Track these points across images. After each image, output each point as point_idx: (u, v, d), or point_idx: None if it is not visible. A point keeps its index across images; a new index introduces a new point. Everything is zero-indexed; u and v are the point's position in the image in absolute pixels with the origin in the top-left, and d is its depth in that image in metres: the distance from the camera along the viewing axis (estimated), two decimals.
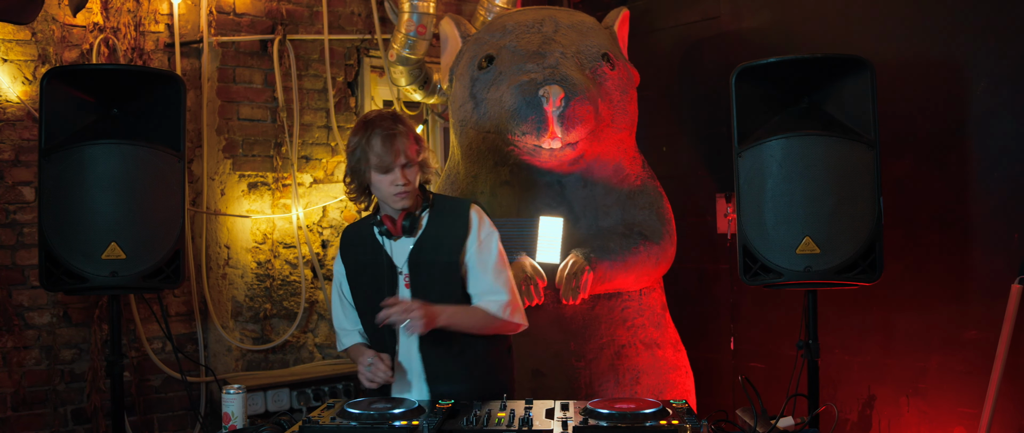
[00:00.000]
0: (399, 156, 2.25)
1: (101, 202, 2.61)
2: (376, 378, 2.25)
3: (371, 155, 2.25)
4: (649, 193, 3.36)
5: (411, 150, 2.27)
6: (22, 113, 3.30)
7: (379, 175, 2.27)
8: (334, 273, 2.52)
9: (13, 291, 3.30)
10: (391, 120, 2.29)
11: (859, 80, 2.70)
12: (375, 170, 2.27)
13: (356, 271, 2.44)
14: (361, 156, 2.27)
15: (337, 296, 2.50)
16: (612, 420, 2.00)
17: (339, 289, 2.49)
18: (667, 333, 3.38)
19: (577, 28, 3.26)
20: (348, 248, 2.47)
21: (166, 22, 3.67)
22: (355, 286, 2.44)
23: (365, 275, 2.41)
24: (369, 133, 2.26)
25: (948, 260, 3.39)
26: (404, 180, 2.26)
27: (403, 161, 2.26)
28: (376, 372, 2.24)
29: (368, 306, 2.36)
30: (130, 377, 3.51)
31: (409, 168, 2.28)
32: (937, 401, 3.41)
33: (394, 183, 2.26)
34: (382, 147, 2.24)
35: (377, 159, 2.24)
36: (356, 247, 2.44)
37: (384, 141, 2.24)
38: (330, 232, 4.12)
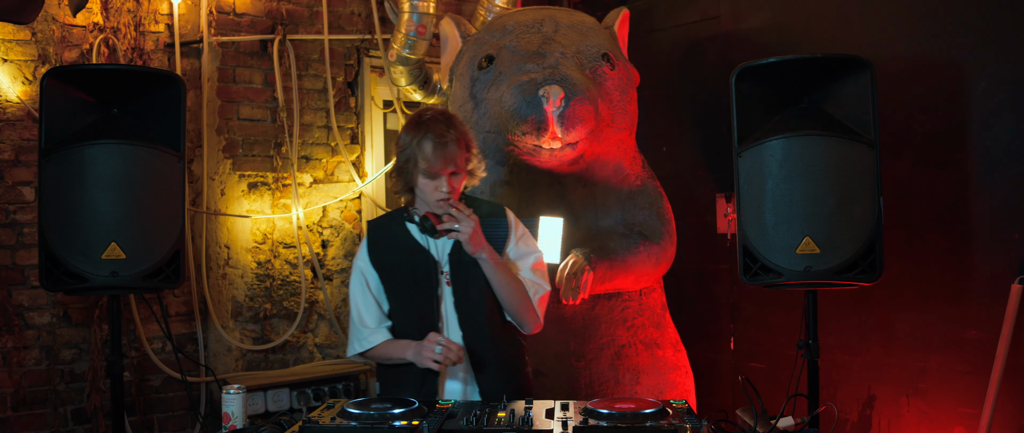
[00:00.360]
0: (448, 165, 2.24)
1: (101, 202, 2.61)
2: (448, 359, 2.21)
3: (420, 159, 2.24)
4: (649, 193, 3.36)
5: (461, 159, 2.26)
6: (22, 113, 3.30)
7: (425, 179, 2.26)
8: (356, 270, 2.45)
9: (13, 291, 3.30)
10: (444, 125, 2.26)
11: (859, 80, 2.70)
12: (423, 174, 2.26)
13: (390, 269, 2.40)
14: (410, 156, 2.26)
15: (361, 294, 2.43)
16: (612, 420, 2.00)
17: (364, 287, 2.43)
18: (667, 333, 3.38)
19: (577, 28, 3.26)
20: (378, 246, 2.43)
21: (166, 22, 3.67)
22: (390, 285, 2.41)
23: (401, 273, 2.39)
24: (421, 136, 2.24)
25: (948, 260, 3.39)
26: (450, 188, 2.26)
27: (452, 169, 2.25)
28: (449, 354, 2.20)
29: (407, 304, 2.36)
30: (130, 377, 3.51)
31: (457, 177, 2.28)
32: (937, 401, 3.41)
33: (439, 189, 2.26)
34: (433, 153, 2.22)
35: (426, 164, 2.24)
36: (389, 245, 2.42)
37: (435, 148, 2.22)
38: (330, 232, 4.12)
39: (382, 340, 2.40)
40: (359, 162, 4.23)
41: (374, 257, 2.43)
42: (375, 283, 2.42)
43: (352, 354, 2.47)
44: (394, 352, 2.36)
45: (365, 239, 2.47)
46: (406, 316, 2.38)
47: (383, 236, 2.44)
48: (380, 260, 2.42)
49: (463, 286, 2.36)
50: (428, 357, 2.22)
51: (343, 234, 4.16)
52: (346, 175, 4.17)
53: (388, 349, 2.39)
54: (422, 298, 2.35)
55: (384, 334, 2.41)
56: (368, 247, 2.44)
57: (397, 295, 2.41)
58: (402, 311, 2.40)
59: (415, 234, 2.39)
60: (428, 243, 2.38)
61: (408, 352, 2.29)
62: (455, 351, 2.22)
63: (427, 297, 2.35)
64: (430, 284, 2.36)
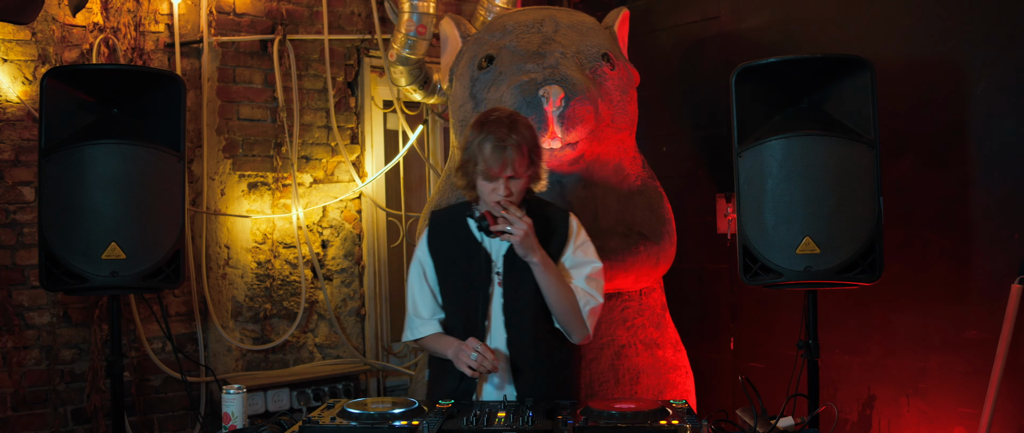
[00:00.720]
0: (506, 168, 2.23)
1: (101, 202, 2.62)
2: (483, 367, 2.23)
3: (479, 160, 2.24)
4: (649, 193, 3.36)
5: (520, 163, 2.24)
6: (22, 113, 3.30)
7: (484, 181, 2.27)
8: (416, 260, 2.46)
9: (13, 291, 3.30)
10: (507, 128, 2.24)
11: (859, 80, 2.70)
12: (481, 175, 2.26)
13: (446, 262, 2.41)
14: (471, 156, 2.27)
15: (418, 284, 2.44)
16: (612, 420, 2.00)
17: (422, 275, 2.43)
18: (667, 333, 3.38)
19: (577, 28, 3.26)
20: (438, 237, 2.44)
21: (166, 22, 3.67)
22: (444, 277, 2.42)
23: (455, 267, 2.40)
24: (482, 137, 2.24)
25: (948, 260, 3.38)
26: (507, 191, 2.25)
27: (509, 173, 2.24)
28: (483, 362, 2.22)
29: (458, 299, 2.38)
30: (130, 377, 3.51)
31: (515, 181, 2.26)
32: (937, 401, 3.41)
33: (495, 192, 2.26)
34: (491, 156, 2.22)
35: (484, 166, 2.23)
36: (448, 238, 2.42)
37: (494, 150, 2.22)
38: (330, 232, 4.12)
39: (432, 332, 2.41)
40: (359, 162, 4.23)
41: (433, 248, 2.43)
42: (431, 274, 2.43)
43: (405, 341, 2.52)
44: (440, 347, 2.38)
45: (426, 229, 2.47)
46: (455, 311, 2.39)
47: (444, 228, 2.45)
48: (438, 251, 2.42)
49: (514, 288, 2.36)
50: (463, 361, 2.25)
51: (343, 234, 4.16)
52: (346, 175, 4.17)
53: (435, 342, 2.41)
54: (472, 295, 2.36)
55: (435, 326, 2.41)
56: (428, 237, 2.45)
57: (449, 289, 2.41)
58: (452, 306, 2.41)
59: (474, 231, 2.39)
60: (485, 242, 2.38)
61: (449, 350, 2.31)
62: (490, 359, 2.23)
63: (478, 295, 2.36)
64: (482, 282, 2.36)
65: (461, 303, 2.37)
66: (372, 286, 4.23)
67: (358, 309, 4.21)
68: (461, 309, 2.38)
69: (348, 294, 4.17)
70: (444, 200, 3.37)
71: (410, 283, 2.47)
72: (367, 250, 4.23)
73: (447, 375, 2.37)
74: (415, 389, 3.37)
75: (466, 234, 2.40)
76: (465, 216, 2.41)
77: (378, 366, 4.19)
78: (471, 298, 2.36)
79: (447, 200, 3.36)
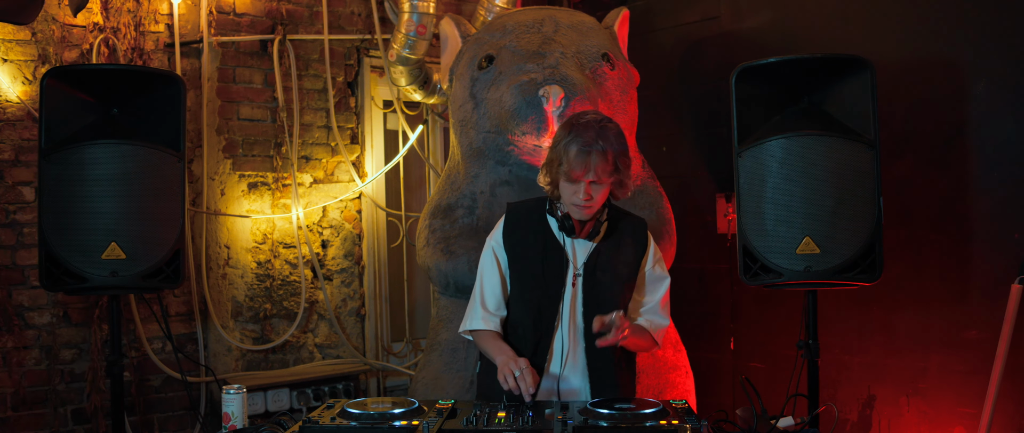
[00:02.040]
0: (588, 173, 2.22)
1: (101, 202, 2.62)
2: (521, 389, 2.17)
3: (564, 161, 2.23)
4: (649, 193, 3.36)
5: (603, 169, 2.23)
6: (22, 113, 3.30)
7: (566, 182, 2.26)
8: (488, 249, 2.44)
9: (13, 291, 3.30)
10: (595, 132, 2.23)
11: (859, 80, 2.70)
12: (564, 177, 2.25)
13: (521, 257, 2.39)
14: (556, 157, 2.26)
15: (491, 271, 2.41)
16: (612, 420, 2.00)
17: (495, 265, 2.41)
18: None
19: (577, 28, 3.26)
20: (516, 230, 2.41)
21: (166, 22, 3.67)
22: (517, 271, 2.39)
23: (530, 262, 2.37)
24: (570, 138, 2.24)
25: (948, 260, 3.39)
26: (587, 196, 2.25)
27: (591, 178, 2.23)
28: (524, 385, 2.17)
29: (530, 294, 2.36)
30: (130, 377, 3.51)
31: (596, 187, 2.25)
32: (937, 401, 3.41)
33: (576, 195, 2.25)
34: (575, 158, 2.21)
35: (568, 167, 2.22)
36: (526, 232, 2.40)
37: (578, 153, 2.21)
38: (330, 232, 4.12)
39: (493, 328, 2.39)
40: (359, 162, 4.23)
41: (508, 239, 2.40)
42: (504, 265, 2.41)
43: (463, 330, 2.46)
44: (491, 349, 2.34)
45: (502, 220, 2.44)
46: (525, 305, 2.37)
47: (522, 221, 2.42)
48: (514, 244, 2.40)
49: (592, 292, 2.35)
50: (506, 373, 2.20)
51: (343, 234, 4.16)
52: (346, 175, 4.17)
53: (489, 341, 2.37)
54: (547, 291, 2.35)
55: (495, 324, 2.39)
56: (504, 228, 2.42)
57: (522, 282, 2.39)
58: (523, 299, 2.38)
59: (553, 228, 2.38)
60: (564, 241, 2.37)
61: (499, 358, 2.28)
62: (528, 384, 2.17)
63: (552, 292, 2.35)
64: (558, 280, 2.35)
65: (534, 299, 2.35)
66: (372, 286, 4.23)
67: (358, 309, 4.21)
68: (533, 304, 2.35)
69: (348, 294, 4.17)
70: (444, 200, 3.37)
71: (482, 271, 2.43)
72: (367, 250, 4.23)
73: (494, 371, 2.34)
74: (415, 389, 3.36)
75: (544, 229, 2.38)
76: (544, 212, 2.39)
77: (378, 366, 4.19)
78: (545, 295, 2.35)
79: (447, 200, 3.36)
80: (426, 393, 3.18)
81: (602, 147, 2.22)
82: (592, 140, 2.22)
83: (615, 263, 2.37)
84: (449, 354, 3.27)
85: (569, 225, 2.31)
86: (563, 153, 2.24)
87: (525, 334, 2.37)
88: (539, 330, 2.35)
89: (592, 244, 2.36)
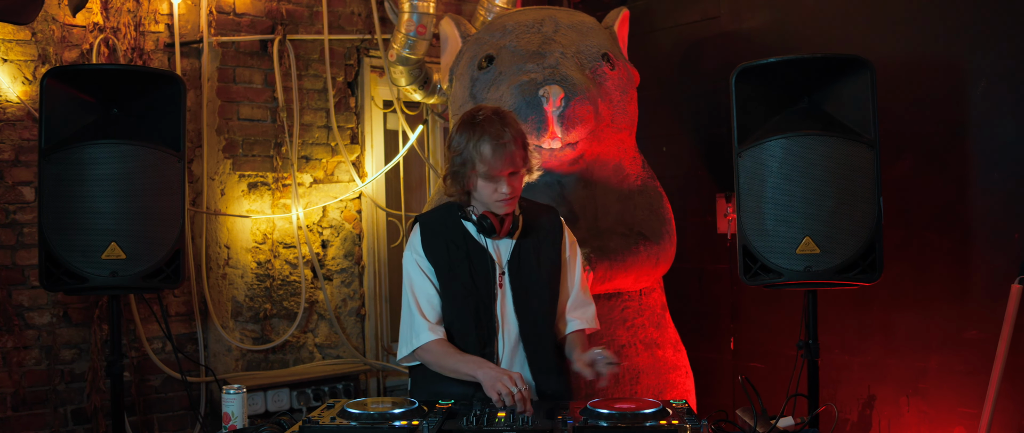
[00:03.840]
0: (508, 165, 2.21)
1: (101, 202, 2.62)
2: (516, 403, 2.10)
3: (478, 162, 2.20)
4: (649, 193, 3.36)
5: (520, 157, 2.23)
6: (22, 113, 3.30)
7: (485, 182, 2.23)
8: (411, 263, 2.35)
9: (13, 291, 3.30)
10: (500, 125, 2.21)
11: (859, 80, 2.70)
12: (482, 177, 2.22)
13: (447, 266, 2.33)
14: (467, 159, 2.22)
15: (423, 284, 2.33)
16: (612, 420, 2.00)
17: (424, 277, 2.33)
18: (667, 333, 3.38)
19: (577, 28, 3.26)
20: (433, 240, 2.34)
21: (166, 22, 3.67)
22: (445, 281, 2.33)
23: (458, 270, 2.32)
24: (478, 138, 2.20)
25: (948, 260, 3.38)
26: (510, 188, 2.23)
27: (511, 170, 2.22)
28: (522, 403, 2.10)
29: (464, 303, 2.31)
30: (130, 377, 3.51)
31: (515, 176, 2.25)
32: (937, 401, 3.41)
33: (499, 191, 2.23)
34: (492, 156, 2.18)
35: (486, 167, 2.20)
36: (444, 241, 2.34)
37: (495, 150, 2.18)
38: (330, 232, 4.12)
39: (440, 337, 2.31)
40: (359, 162, 4.23)
41: (430, 251, 2.34)
42: (434, 276, 2.34)
43: (406, 354, 2.34)
44: (462, 365, 2.24)
45: (417, 233, 2.37)
46: (462, 313, 2.32)
47: (438, 230, 2.37)
48: (435, 255, 2.34)
49: (523, 288, 2.34)
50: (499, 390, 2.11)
51: (343, 234, 4.16)
52: (346, 175, 4.17)
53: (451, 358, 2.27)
54: (480, 296, 2.31)
55: (442, 333, 2.32)
56: (422, 240, 2.35)
57: (452, 291, 2.33)
58: (458, 308, 2.33)
59: (472, 232, 2.35)
60: (486, 242, 2.34)
61: (478, 371, 2.19)
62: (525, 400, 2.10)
63: (485, 295, 2.32)
64: (489, 283, 2.32)
65: (470, 305, 2.31)
66: (372, 286, 4.23)
67: (358, 309, 4.21)
68: (470, 311, 2.31)
69: (348, 294, 4.17)
70: (444, 200, 3.36)
71: (410, 284, 2.35)
72: (367, 250, 4.23)
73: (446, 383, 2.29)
74: None
75: (463, 236, 2.35)
76: (457, 218, 2.36)
77: (378, 366, 4.19)
78: (479, 300, 2.32)
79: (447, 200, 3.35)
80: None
81: (512, 136, 2.21)
82: (501, 132, 2.20)
83: (537, 256, 2.36)
84: None
85: (488, 225, 2.28)
86: (475, 154, 2.19)
87: (468, 344, 2.31)
88: (482, 337, 2.31)
89: (512, 241, 2.35)
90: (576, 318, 2.43)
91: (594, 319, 2.46)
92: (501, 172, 2.21)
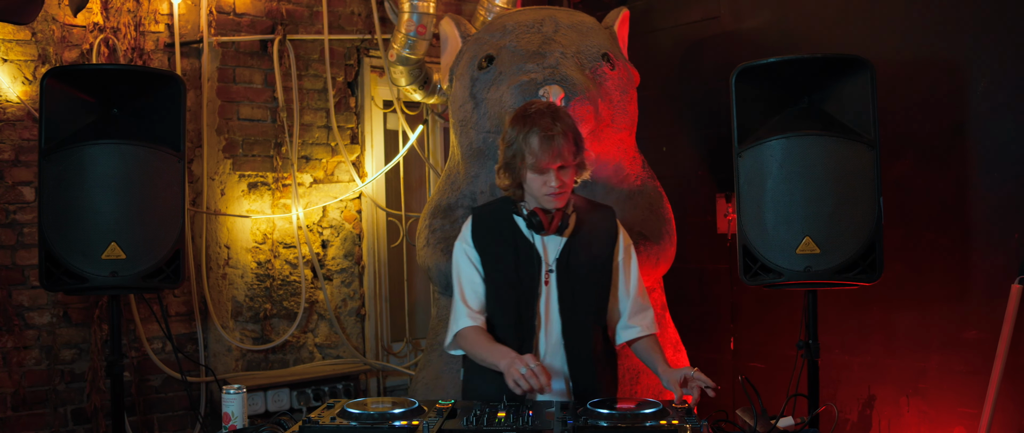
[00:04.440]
0: (556, 159, 2.21)
1: (101, 202, 2.62)
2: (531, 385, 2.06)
3: (527, 154, 2.21)
4: (649, 193, 3.36)
5: (569, 151, 2.23)
6: (22, 113, 3.30)
7: (534, 174, 2.23)
8: (460, 253, 2.38)
9: (13, 291, 3.30)
10: (551, 118, 2.22)
11: (859, 80, 2.70)
12: (531, 169, 2.23)
13: (493, 258, 2.34)
14: (517, 152, 2.23)
15: (469, 272, 2.35)
16: (612, 420, 2.00)
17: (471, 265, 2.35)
18: (667, 333, 3.38)
19: (577, 28, 3.26)
20: (484, 233, 2.36)
21: (166, 22, 3.67)
22: (491, 273, 2.34)
23: (503, 265, 2.33)
24: (527, 130, 2.21)
25: (948, 260, 3.38)
26: (559, 182, 2.23)
27: (559, 163, 2.22)
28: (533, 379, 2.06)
29: (507, 297, 2.32)
30: (130, 377, 3.51)
31: (565, 171, 2.24)
32: (937, 401, 3.41)
33: (547, 184, 2.23)
34: (540, 148, 2.19)
35: (534, 159, 2.20)
36: (495, 235, 2.36)
37: (543, 142, 2.19)
38: (330, 232, 4.12)
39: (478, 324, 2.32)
40: (359, 162, 4.23)
41: (480, 243, 2.35)
42: (480, 265, 2.36)
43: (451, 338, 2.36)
44: (490, 354, 2.23)
45: (468, 223, 2.39)
46: (504, 307, 2.33)
47: (488, 223, 2.38)
48: (483, 246, 2.35)
49: (570, 287, 2.33)
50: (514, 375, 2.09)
51: (343, 234, 4.16)
52: (346, 175, 4.17)
53: (483, 346, 2.27)
54: (523, 292, 2.31)
55: (482, 322, 2.33)
56: (472, 231, 2.37)
57: (496, 285, 2.34)
58: (500, 302, 2.34)
59: (522, 227, 2.35)
60: (534, 239, 2.34)
61: (502, 362, 2.16)
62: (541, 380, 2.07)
63: (528, 291, 2.32)
64: (533, 280, 2.32)
65: (511, 300, 2.32)
66: (372, 286, 4.24)
67: (358, 309, 4.21)
68: (512, 306, 2.32)
69: (348, 294, 4.18)
70: (444, 200, 3.37)
71: (458, 272, 2.37)
72: (367, 250, 4.23)
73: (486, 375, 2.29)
74: (415, 389, 3.36)
75: (513, 230, 2.35)
76: (510, 213, 2.36)
77: (378, 366, 4.19)
78: (522, 295, 2.32)
79: (447, 200, 3.36)
80: (426, 393, 3.18)
81: (562, 130, 2.21)
82: (551, 125, 2.21)
83: (587, 256, 2.36)
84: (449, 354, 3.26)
85: (537, 222, 2.28)
86: (525, 146, 2.21)
87: (507, 337, 2.32)
88: (521, 332, 2.32)
89: (562, 239, 2.34)
90: (637, 324, 2.44)
91: (653, 323, 2.46)
92: (549, 165, 2.21)
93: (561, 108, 2.30)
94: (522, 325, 2.32)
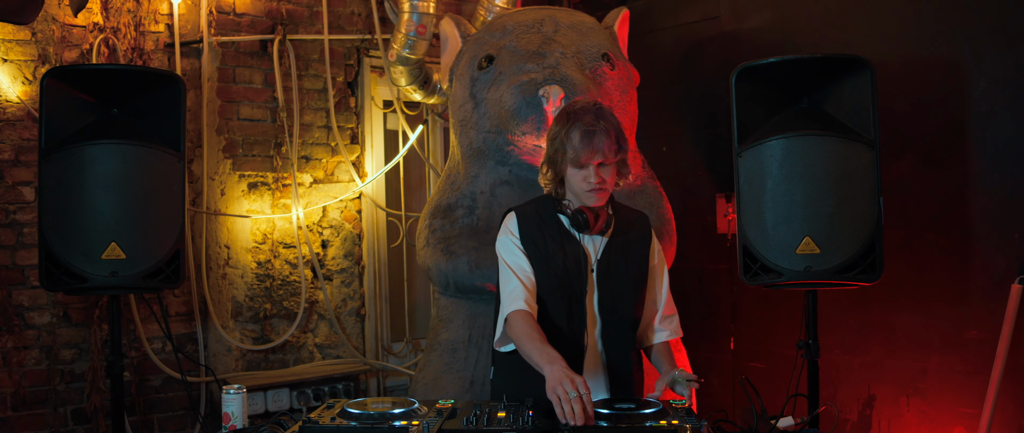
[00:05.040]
0: (596, 154, 2.21)
1: (101, 202, 2.62)
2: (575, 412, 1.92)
3: (568, 148, 2.22)
4: (649, 193, 3.36)
5: (610, 148, 2.23)
6: (22, 113, 3.30)
7: (574, 169, 2.25)
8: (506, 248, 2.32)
9: (13, 291, 3.30)
10: (593, 115, 2.23)
11: (859, 80, 2.70)
12: (571, 164, 2.24)
13: (543, 254, 2.31)
14: (559, 147, 2.25)
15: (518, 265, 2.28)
16: (612, 420, 2.00)
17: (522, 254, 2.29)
18: None
19: (577, 28, 3.26)
20: (529, 228, 2.33)
21: (166, 22, 3.67)
22: (539, 265, 2.31)
23: (552, 256, 2.31)
24: (570, 125, 2.23)
25: (948, 260, 3.39)
26: (598, 178, 2.23)
27: (599, 160, 2.22)
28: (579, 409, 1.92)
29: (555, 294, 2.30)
30: (130, 377, 3.51)
31: (605, 168, 2.25)
32: (937, 401, 3.41)
33: (587, 180, 2.24)
34: (580, 142, 2.20)
35: (574, 154, 2.21)
36: (541, 231, 2.34)
37: (583, 137, 2.20)
38: (330, 232, 4.12)
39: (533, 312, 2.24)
40: (359, 162, 4.23)
41: (525, 239, 2.32)
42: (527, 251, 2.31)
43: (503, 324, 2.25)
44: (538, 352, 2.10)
45: (513, 220, 2.34)
46: (555, 304, 2.30)
47: (533, 219, 2.36)
48: (531, 242, 2.31)
49: (610, 287, 2.34)
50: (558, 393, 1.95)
51: (343, 234, 4.16)
52: (346, 175, 4.17)
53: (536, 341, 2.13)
54: (573, 287, 2.31)
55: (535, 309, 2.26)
56: (519, 225, 2.33)
57: (547, 276, 2.30)
58: (551, 298, 2.31)
59: (566, 225, 2.35)
60: (581, 237, 2.34)
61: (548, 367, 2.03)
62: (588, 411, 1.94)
63: (578, 288, 2.31)
64: (581, 275, 2.32)
65: (563, 296, 2.30)
66: (372, 286, 4.23)
67: (358, 309, 4.21)
68: (563, 302, 2.31)
69: (348, 294, 4.18)
70: (444, 200, 3.37)
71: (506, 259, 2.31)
72: (367, 250, 4.23)
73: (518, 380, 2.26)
74: (415, 389, 3.36)
75: (557, 226, 2.35)
76: (553, 211, 2.36)
77: (378, 366, 4.19)
78: (572, 292, 2.31)
79: (447, 200, 3.36)
80: (426, 393, 3.18)
81: (605, 127, 2.22)
82: (593, 121, 2.22)
83: (627, 257, 2.37)
84: (449, 354, 3.27)
85: (583, 220, 2.28)
86: (566, 141, 2.23)
87: (560, 335, 2.29)
88: (573, 329, 2.31)
89: (604, 239, 2.35)
90: (665, 328, 2.45)
91: (679, 327, 2.48)
92: (589, 159, 2.22)
93: (606, 107, 2.31)
94: (573, 321, 2.32)
